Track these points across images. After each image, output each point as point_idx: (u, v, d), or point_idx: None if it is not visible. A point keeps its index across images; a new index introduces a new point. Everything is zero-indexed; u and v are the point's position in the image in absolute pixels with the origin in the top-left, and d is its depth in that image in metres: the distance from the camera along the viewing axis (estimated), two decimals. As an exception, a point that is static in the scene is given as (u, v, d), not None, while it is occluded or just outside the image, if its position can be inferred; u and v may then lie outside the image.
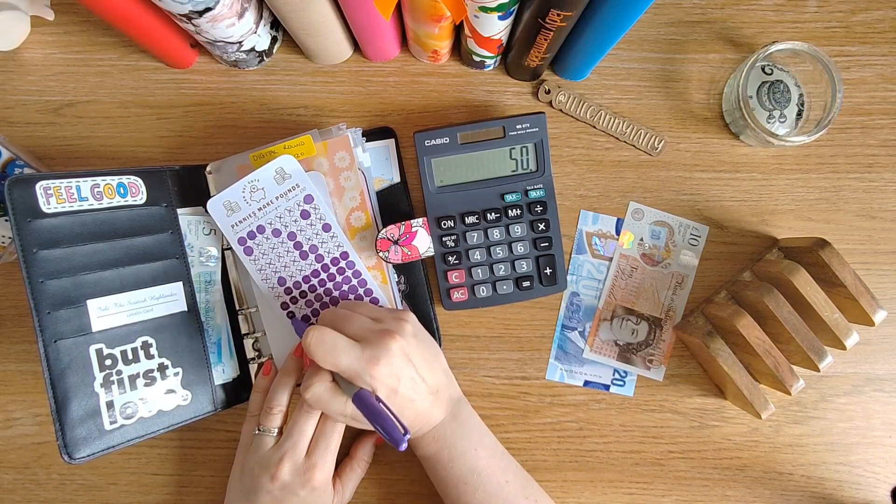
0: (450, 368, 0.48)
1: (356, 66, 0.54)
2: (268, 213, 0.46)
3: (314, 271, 0.48)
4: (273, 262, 0.48)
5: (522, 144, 0.50)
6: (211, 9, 0.41)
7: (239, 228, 0.46)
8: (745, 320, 0.46)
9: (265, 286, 0.48)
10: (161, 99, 0.53)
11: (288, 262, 0.48)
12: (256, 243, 0.47)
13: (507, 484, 0.45)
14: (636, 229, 0.53)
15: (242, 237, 0.46)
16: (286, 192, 0.46)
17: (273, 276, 0.48)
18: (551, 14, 0.40)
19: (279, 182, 0.46)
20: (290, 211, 0.47)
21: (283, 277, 0.48)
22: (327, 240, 0.48)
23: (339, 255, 0.48)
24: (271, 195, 0.46)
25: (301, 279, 0.48)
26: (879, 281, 0.53)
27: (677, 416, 0.53)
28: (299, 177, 0.46)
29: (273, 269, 0.48)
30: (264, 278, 0.48)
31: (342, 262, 0.48)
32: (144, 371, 0.46)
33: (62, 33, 0.53)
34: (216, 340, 0.50)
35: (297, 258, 0.48)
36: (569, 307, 0.53)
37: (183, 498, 0.52)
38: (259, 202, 0.46)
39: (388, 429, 0.39)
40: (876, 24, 0.54)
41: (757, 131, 0.49)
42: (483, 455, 0.45)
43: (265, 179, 0.46)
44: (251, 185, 0.45)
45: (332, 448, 0.43)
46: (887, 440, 0.53)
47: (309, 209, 0.47)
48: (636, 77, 0.54)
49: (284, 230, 0.47)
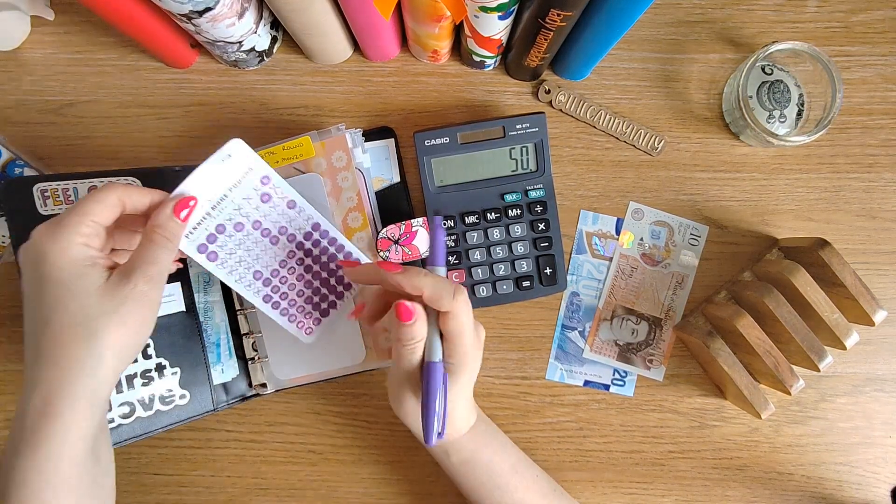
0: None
1: (356, 66, 0.54)
2: (224, 210, 0.41)
3: (289, 252, 0.45)
4: (244, 259, 0.43)
5: (522, 144, 0.50)
6: (211, 9, 0.41)
7: (194, 237, 0.40)
8: (745, 320, 0.46)
9: (241, 287, 0.43)
10: (161, 99, 0.53)
11: (259, 254, 0.44)
12: (219, 245, 0.41)
13: (537, 478, 0.46)
14: (636, 229, 0.53)
15: (202, 244, 0.41)
16: (239, 180, 0.41)
17: (247, 273, 0.43)
18: (551, 14, 0.40)
19: (229, 171, 0.40)
20: (248, 199, 0.42)
21: (259, 271, 0.44)
22: (295, 216, 0.44)
23: (310, 227, 0.45)
24: (223, 188, 0.40)
25: (277, 265, 0.45)
26: (879, 281, 0.53)
27: (677, 416, 0.53)
28: (249, 158, 0.41)
29: (246, 267, 0.43)
30: (237, 279, 0.43)
31: (315, 233, 0.45)
32: (142, 371, 0.46)
33: (62, 33, 0.53)
34: (215, 340, 0.50)
35: (267, 246, 0.44)
36: (569, 307, 0.53)
37: (183, 498, 0.52)
38: (211, 200, 0.40)
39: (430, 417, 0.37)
40: (876, 24, 0.54)
41: (757, 131, 0.49)
42: (513, 451, 0.46)
43: (213, 173, 0.39)
44: (198, 183, 0.39)
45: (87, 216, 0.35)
46: (887, 440, 0.53)
47: (268, 191, 0.42)
48: (636, 77, 0.54)
49: (247, 221, 0.42)
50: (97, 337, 0.33)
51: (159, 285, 0.36)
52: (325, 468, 0.52)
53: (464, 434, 0.43)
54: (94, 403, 0.34)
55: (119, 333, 0.34)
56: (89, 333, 0.33)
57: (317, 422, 0.52)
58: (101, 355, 0.34)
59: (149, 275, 0.35)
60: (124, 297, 0.34)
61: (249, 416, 0.52)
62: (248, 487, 0.52)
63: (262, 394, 0.50)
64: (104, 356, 0.34)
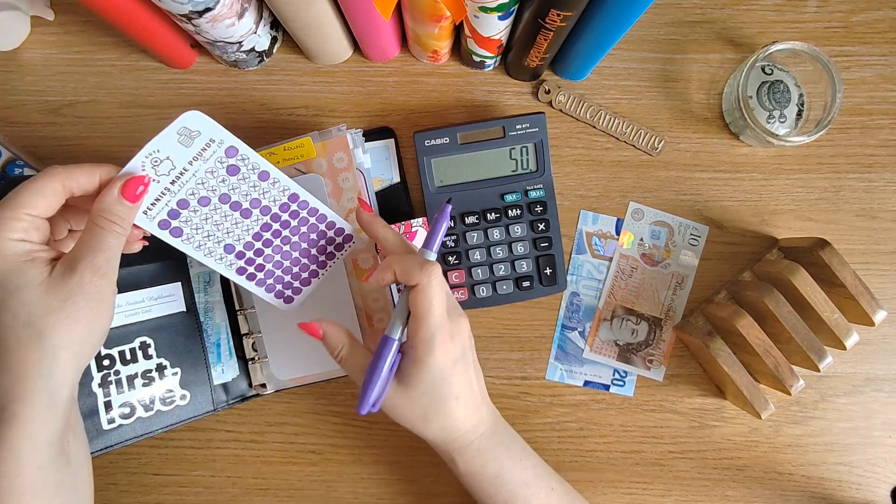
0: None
1: (356, 66, 0.54)
2: (186, 184, 0.38)
3: (264, 225, 0.43)
4: (213, 234, 0.41)
5: (522, 144, 0.50)
6: (211, 9, 0.41)
7: (154, 212, 0.38)
8: (745, 320, 0.46)
9: (211, 261, 0.42)
10: (161, 99, 0.53)
11: (230, 227, 0.42)
12: (183, 221, 0.39)
13: (552, 491, 0.44)
14: (636, 229, 0.53)
15: (163, 220, 0.39)
16: (200, 153, 0.38)
17: (217, 247, 0.42)
18: (551, 14, 0.40)
19: (187, 144, 0.37)
20: (212, 172, 0.39)
21: (230, 244, 0.42)
22: (269, 188, 0.42)
23: (287, 198, 0.43)
24: (182, 162, 0.38)
25: (252, 238, 0.43)
26: (879, 281, 0.53)
27: (677, 416, 0.53)
28: (211, 130, 0.38)
29: (216, 241, 0.41)
30: (207, 253, 0.41)
31: (293, 204, 0.43)
32: (143, 371, 0.46)
33: (62, 33, 0.53)
34: (216, 341, 0.50)
35: (238, 219, 0.42)
36: (569, 307, 0.53)
37: (183, 498, 0.52)
38: (169, 175, 0.38)
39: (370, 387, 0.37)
40: (876, 24, 0.54)
41: (757, 131, 0.49)
42: (529, 464, 0.43)
43: (168, 147, 0.37)
44: (151, 158, 0.36)
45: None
46: (887, 440, 0.53)
47: (236, 163, 0.40)
48: (636, 77, 0.54)
49: (213, 195, 0.40)
50: (45, 336, 0.31)
51: (109, 273, 0.33)
52: (325, 468, 0.52)
53: (474, 440, 0.42)
54: (54, 404, 0.32)
55: (70, 330, 0.32)
56: (37, 333, 0.31)
57: (317, 422, 0.52)
58: (54, 355, 0.32)
59: (96, 264, 0.32)
60: (70, 291, 0.32)
61: (249, 416, 0.52)
62: (248, 487, 0.52)
63: (262, 394, 0.50)
64: (58, 356, 0.32)
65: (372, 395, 0.38)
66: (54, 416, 0.32)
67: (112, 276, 0.34)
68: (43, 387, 0.32)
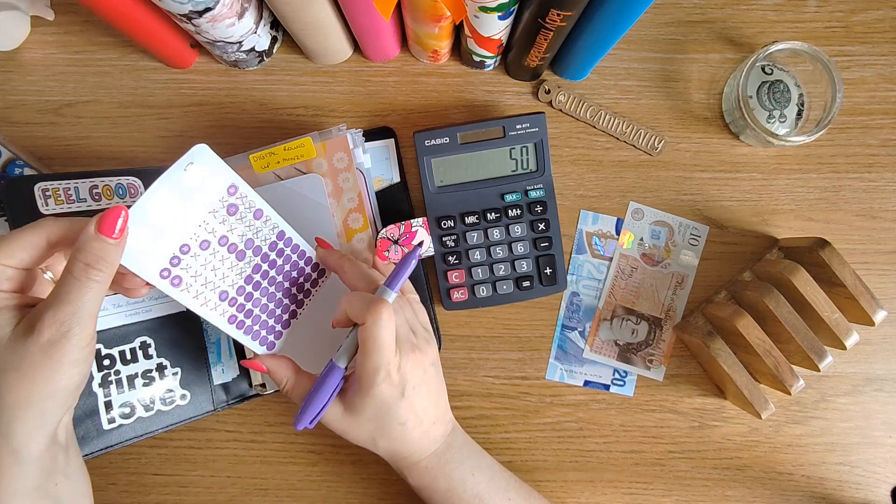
0: (451, 368, 0.48)
1: (356, 66, 0.54)
2: (188, 226, 0.36)
3: (255, 266, 0.41)
4: (210, 280, 0.38)
5: (522, 144, 0.50)
6: (211, 9, 0.41)
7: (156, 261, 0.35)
8: (745, 320, 0.46)
9: (205, 310, 0.39)
10: (161, 99, 0.53)
11: (226, 272, 0.39)
12: (183, 268, 0.36)
13: (509, 501, 0.44)
14: (636, 229, 0.53)
15: (164, 269, 0.35)
16: (205, 192, 0.36)
17: (213, 295, 0.39)
18: (551, 14, 0.41)
19: (193, 183, 0.35)
20: (214, 213, 0.37)
21: (225, 291, 0.39)
22: (261, 227, 0.40)
23: (275, 237, 0.42)
24: (187, 202, 0.35)
25: (243, 282, 0.41)
26: (879, 281, 0.53)
27: (677, 416, 0.53)
28: (215, 166, 0.36)
29: (212, 289, 0.39)
30: (202, 303, 0.38)
31: (280, 242, 0.42)
32: (143, 371, 0.46)
33: (62, 33, 0.53)
34: (215, 341, 0.50)
35: (234, 263, 0.40)
36: (569, 307, 0.53)
37: (183, 498, 0.52)
38: (174, 217, 0.35)
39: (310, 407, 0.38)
40: (876, 24, 0.54)
41: (757, 131, 0.49)
42: (482, 478, 0.44)
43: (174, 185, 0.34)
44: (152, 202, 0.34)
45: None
46: (887, 440, 0.53)
47: (235, 202, 0.38)
48: (636, 77, 0.54)
49: (214, 238, 0.38)
50: (2, 395, 0.30)
51: (75, 328, 0.30)
52: (325, 468, 0.52)
53: (423, 459, 0.42)
54: (22, 460, 0.31)
55: (26, 391, 0.30)
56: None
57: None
58: (11, 414, 0.30)
59: (58, 319, 0.29)
60: (25, 351, 0.29)
61: (249, 416, 0.52)
62: (248, 487, 0.52)
63: (262, 394, 0.50)
64: (15, 415, 0.30)
65: (310, 415, 0.39)
66: (24, 470, 0.31)
67: (80, 332, 0.30)
68: (4, 444, 0.30)
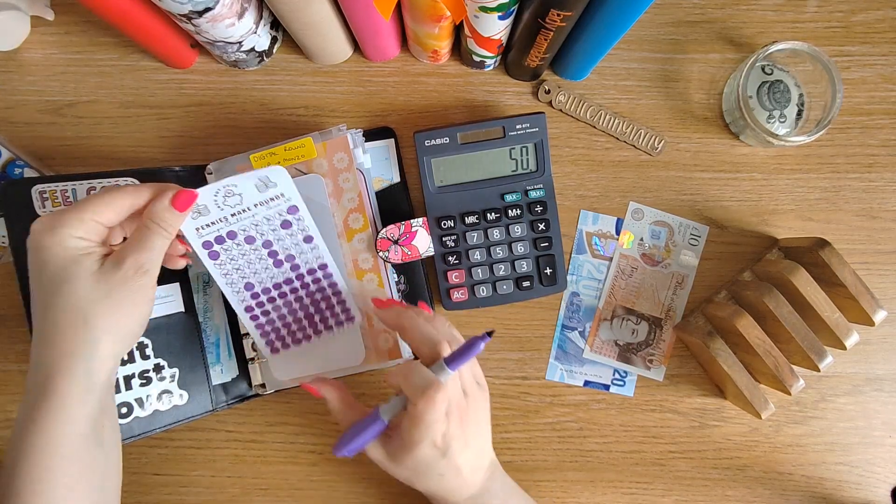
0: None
1: (356, 66, 0.54)
2: (242, 220, 0.43)
3: (287, 279, 0.47)
4: (242, 268, 0.46)
5: (522, 144, 0.50)
6: (211, 9, 0.41)
7: (205, 232, 0.43)
8: (745, 320, 0.46)
9: (229, 290, 0.46)
10: (161, 99, 0.53)
11: (259, 269, 0.46)
12: (224, 248, 0.44)
13: None
14: (636, 229, 0.53)
15: (208, 241, 0.43)
16: (267, 201, 0.43)
17: (240, 280, 0.46)
18: (551, 14, 0.41)
19: (261, 189, 0.42)
20: (268, 220, 0.44)
21: (251, 283, 0.46)
22: (307, 251, 0.46)
23: (317, 265, 0.47)
24: (249, 202, 0.43)
25: (271, 286, 0.47)
26: (879, 281, 0.53)
27: (677, 416, 0.53)
28: (287, 188, 0.43)
29: (241, 275, 0.46)
30: (229, 283, 0.46)
31: (319, 272, 0.47)
32: (140, 371, 0.46)
33: (62, 33, 0.53)
34: (214, 341, 0.50)
35: (269, 266, 0.46)
36: (569, 307, 0.53)
37: (183, 498, 0.52)
38: (234, 207, 0.42)
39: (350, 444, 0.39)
40: (876, 24, 0.54)
41: (757, 131, 0.49)
42: None
43: (244, 186, 0.42)
44: (226, 189, 0.41)
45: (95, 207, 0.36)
46: (887, 440, 0.53)
47: (291, 220, 0.45)
48: (636, 77, 0.54)
49: (259, 238, 0.45)
50: (90, 321, 0.35)
51: (151, 271, 0.37)
52: (325, 468, 0.52)
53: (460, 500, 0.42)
54: (92, 383, 0.35)
55: (112, 318, 0.35)
56: (83, 318, 0.35)
57: (317, 422, 0.52)
58: (96, 339, 0.35)
59: (139, 261, 0.36)
60: (115, 283, 0.35)
61: (249, 416, 0.52)
62: (248, 487, 0.52)
63: (262, 394, 0.50)
64: (99, 339, 0.35)
65: (348, 451, 0.40)
66: (91, 395, 0.35)
67: (153, 273, 0.37)
68: (83, 366, 0.35)
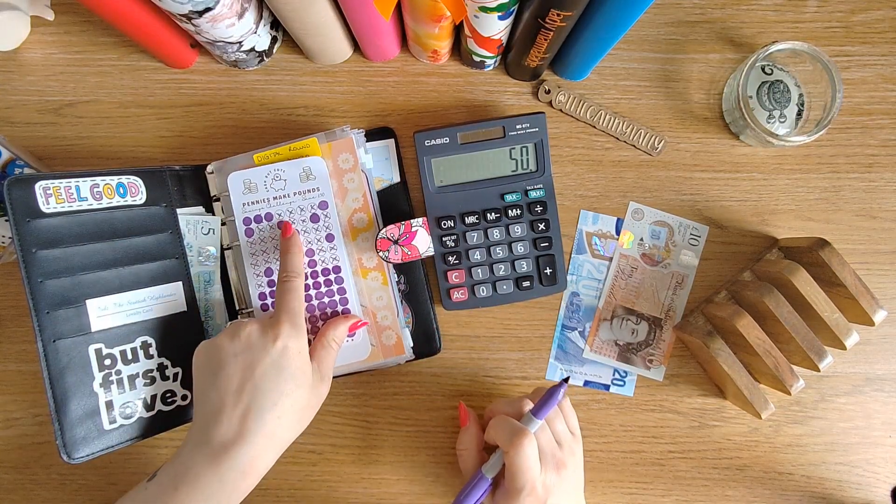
0: (451, 368, 0.47)
1: (356, 66, 0.54)
2: (281, 205, 0.48)
3: None
4: (267, 251, 0.48)
5: (522, 144, 0.50)
6: (211, 9, 0.41)
7: (249, 209, 0.47)
8: (745, 320, 0.46)
9: (251, 270, 0.49)
10: (161, 99, 0.53)
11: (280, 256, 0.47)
12: (259, 228, 0.48)
13: None
14: (636, 229, 0.53)
15: (248, 217, 0.48)
16: (305, 192, 0.47)
17: (262, 264, 0.48)
18: (551, 14, 0.40)
19: (303, 180, 0.47)
20: (302, 209, 0.48)
21: (271, 269, 0.48)
22: (326, 249, 0.48)
23: (331, 267, 0.48)
24: (291, 189, 0.47)
25: None
26: (879, 281, 0.53)
27: (677, 416, 0.53)
28: (322, 182, 0.47)
29: (265, 258, 0.48)
30: (253, 263, 0.48)
31: (332, 275, 0.48)
32: (144, 371, 0.46)
33: (62, 33, 0.53)
34: (216, 340, 0.50)
35: None
36: (569, 307, 0.53)
37: (183, 498, 0.52)
38: (277, 191, 0.47)
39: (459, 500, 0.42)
40: (876, 24, 0.54)
41: (757, 131, 0.49)
42: None
43: (290, 173, 0.47)
44: (276, 173, 0.46)
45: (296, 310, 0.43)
46: (887, 440, 0.53)
47: (320, 214, 0.48)
48: (636, 77, 0.54)
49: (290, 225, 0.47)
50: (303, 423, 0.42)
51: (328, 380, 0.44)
52: (325, 468, 0.52)
53: None
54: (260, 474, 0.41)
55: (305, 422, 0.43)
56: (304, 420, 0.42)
57: (317, 422, 0.52)
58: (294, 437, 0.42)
59: (329, 376, 0.44)
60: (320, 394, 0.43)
61: (249, 416, 0.52)
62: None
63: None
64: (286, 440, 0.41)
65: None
66: None
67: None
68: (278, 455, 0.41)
